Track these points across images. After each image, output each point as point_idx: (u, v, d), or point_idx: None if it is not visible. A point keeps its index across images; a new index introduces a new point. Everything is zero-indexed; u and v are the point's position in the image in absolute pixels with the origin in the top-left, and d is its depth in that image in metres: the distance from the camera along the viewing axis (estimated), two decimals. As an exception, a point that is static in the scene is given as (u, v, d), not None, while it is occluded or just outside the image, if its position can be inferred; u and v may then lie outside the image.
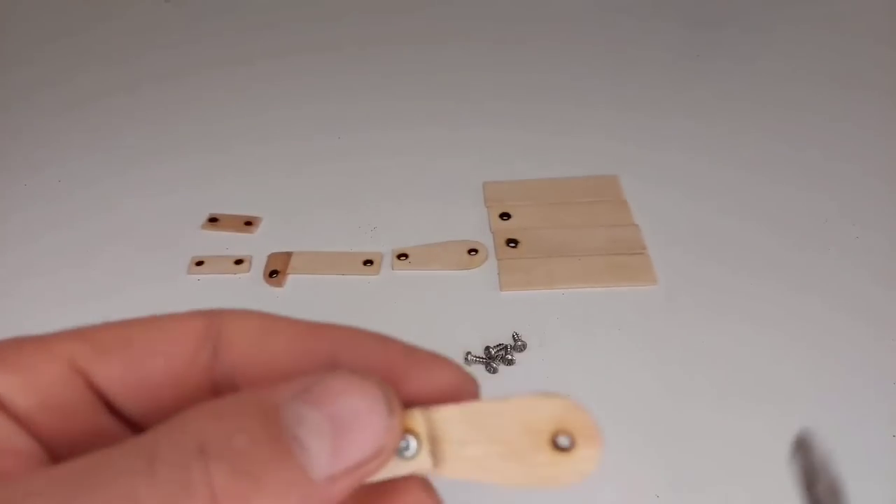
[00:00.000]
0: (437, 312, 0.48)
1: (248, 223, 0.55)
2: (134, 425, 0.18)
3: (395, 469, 0.16)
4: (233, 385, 0.18)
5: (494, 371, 0.44)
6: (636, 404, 0.41)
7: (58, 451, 0.17)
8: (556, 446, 0.15)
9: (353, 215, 0.56)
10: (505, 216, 0.54)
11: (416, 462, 0.16)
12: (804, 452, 0.15)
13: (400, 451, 0.16)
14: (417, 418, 0.16)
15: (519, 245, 0.52)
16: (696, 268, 0.50)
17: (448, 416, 0.16)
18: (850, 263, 0.49)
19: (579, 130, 0.63)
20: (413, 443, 0.16)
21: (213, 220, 0.55)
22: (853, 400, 0.41)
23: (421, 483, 0.17)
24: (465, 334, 0.46)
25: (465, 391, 0.17)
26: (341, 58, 0.75)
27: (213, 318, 0.18)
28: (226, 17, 0.84)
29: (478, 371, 0.44)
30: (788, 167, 0.58)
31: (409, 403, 0.16)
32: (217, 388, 0.18)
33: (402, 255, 0.51)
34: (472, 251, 0.52)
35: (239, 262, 0.51)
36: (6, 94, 0.73)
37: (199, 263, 0.51)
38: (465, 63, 0.73)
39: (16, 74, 0.77)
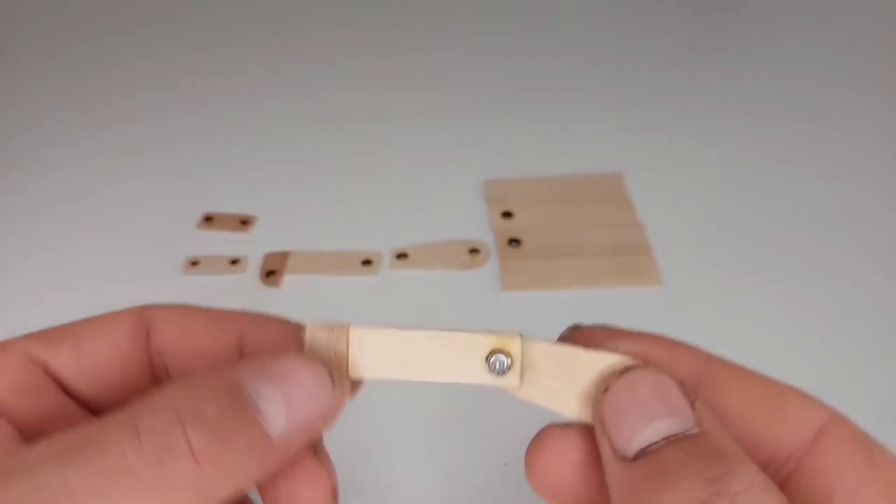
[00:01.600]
0: (438, 313, 0.47)
1: (244, 222, 0.54)
2: (89, 407, 0.21)
3: (483, 378, 0.19)
4: (164, 364, 0.22)
5: None
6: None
7: (27, 432, 0.19)
8: None
9: (351, 213, 0.55)
10: (507, 215, 0.53)
11: (505, 379, 0.19)
12: None
13: (492, 365, 0.19)
14: (516, 342, 0.19)
15: (521, 245, 0.51)
16: (703, 268, 0.49)
17: (543, 350, 0.19)
18: (863, 264, 0.48)
19: (583, 125, 0.62)
20: (507, 362, 0.19)
21: (208, 218, 0.54)
22: (865, 401, 0.40)
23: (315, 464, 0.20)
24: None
25: None
26: (339, 53, 0.74)
27: (144, 311, 0.22)
28: (221, 11, 0.83)
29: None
30: (802, 163, 0.57)
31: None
32: (153, 368, 0.22)
33: (402, 255, 0.50)
34: (474, 251, 0.50)
35: (235, 261, 0.50)
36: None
37: (195, 263, 0.50)
38: (465, 57, 0.72)
39: (3, 68, 0.76)
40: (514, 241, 0.51)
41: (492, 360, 0.18)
